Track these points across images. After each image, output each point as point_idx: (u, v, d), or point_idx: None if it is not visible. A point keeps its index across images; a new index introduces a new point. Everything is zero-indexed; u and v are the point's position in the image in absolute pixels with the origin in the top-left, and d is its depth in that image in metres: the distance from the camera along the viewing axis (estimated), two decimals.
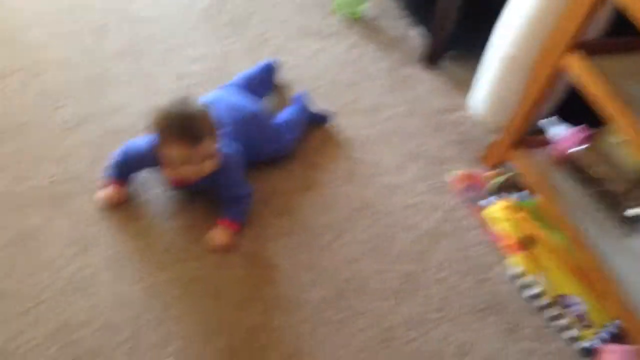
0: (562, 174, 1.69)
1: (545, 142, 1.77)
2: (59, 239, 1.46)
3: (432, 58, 2.10)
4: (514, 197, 1.75)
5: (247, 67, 1.93)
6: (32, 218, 1.48)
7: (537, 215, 1.70)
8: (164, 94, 1.81)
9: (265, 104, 1.84)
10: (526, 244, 1.64)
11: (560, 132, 1.73)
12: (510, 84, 1.85)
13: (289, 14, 2.18)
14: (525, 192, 1.76)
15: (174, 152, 1.41)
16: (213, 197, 1.58)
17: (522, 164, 1.73)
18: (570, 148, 1.69)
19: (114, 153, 1.55)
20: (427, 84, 2.06)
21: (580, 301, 1.57)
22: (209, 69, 1.94)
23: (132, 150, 1.52)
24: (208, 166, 1.45)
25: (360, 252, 1.60)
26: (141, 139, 1.53)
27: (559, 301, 1.56)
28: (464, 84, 2.07)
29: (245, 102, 1.67)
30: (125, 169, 1.55)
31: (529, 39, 1.74)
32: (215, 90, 1.73)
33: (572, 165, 1.69)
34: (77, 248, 1.46)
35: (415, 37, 2.19)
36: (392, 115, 1.94)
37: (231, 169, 1.52)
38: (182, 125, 1.39)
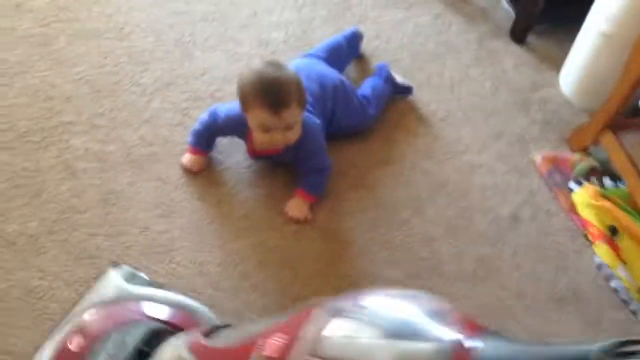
0: None
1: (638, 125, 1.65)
2: (143, 202, 1.47)
3: (521, 32, 1.97)
4: (602, 183, 1.65)
5: (330, 34, 1.87)
6: (118, 179, 1.49)
7: (626, 203, 1.59)
8: (247, 60, 1.78)
9: (347, 74, 1.78)
10: (612, 233, 1.54)
11: None
12: (606, 64, 1.72)
13: None
14: (614, 179, 1.65)
15: (258, 116, 1.37)
16: (292, 168, 1.55)
17: (612, 148, 1.61)
18: None
19: (199, 118, 1.53)
20: (514, 59, 1.94)
21: None
22: (292, 35, 1.88)
23: (215, 117, 1.50)
24: (291, 135, 1.41)
25: (437, 232, 1.54)
26: (225, 106, 1.51)
27: None
28: (553, 61, 1.94)
29: (330, 73, 1.61)
30: (207, 137, 1.53)
31: (629, 17, 1.60)
32: (298, 59, 1.68)
33: None
34: (159, 211, 1.46)
35: (503, 8, 2.06)
36: (477, 91, 1.85)
37: (314, 141, 1.47)
38: (270, 89, 1.34)
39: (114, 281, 1.25)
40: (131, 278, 1.27)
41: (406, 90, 1.77)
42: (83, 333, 1.07)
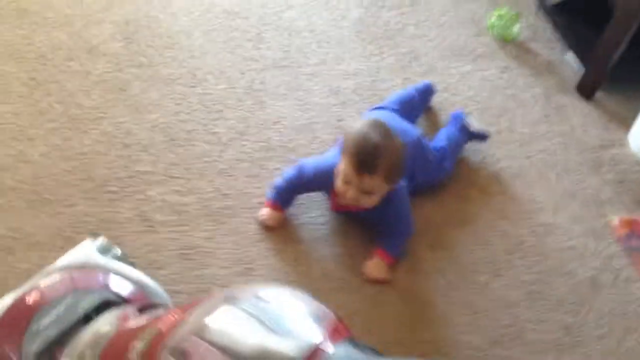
0: None
1: None
2: (221, 259, 1.41)
3: (590, 88, 1.92)
4: None
5: (398, 84, 1.83)
6: (196, 233, 1.44)
7: None
8: (318, 110, 1.74)
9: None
10: None
11: None
12: None
13: (439, 30, 2.04)
14: None
15: (345, 164, 1.32)
16: (370, 227, 1.49)
17: None
18: None
19: (283, 174, 1.48)
20: (582, 116, 1.89)
21: None
22: (361, 85, 1.83)
23: (302, 173, 1.44)
24: (366, 200, 1.36)
25: (517, 297, 1.47)
26: (312, 161, 1.47)
27: None
28: (622, 119, 1.89)
29: (409, 129, 1.55)
30: (290, 193, 1.47)
31: None
32: (375, 111, 1.63)
33: None
34: (238, 269, 1.40)
35: (570, 63, 2.01)
36: (546, 147, 1.79)
37: (400, 204, 1.42)
38: (364, 151, 1.29)
39: (86, 249, 1.23)
40: (105, 250, 1.23)
41: (482, 137, 1.71)
42: (41, 291, 1.07)
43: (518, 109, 1.87)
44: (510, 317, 1.43)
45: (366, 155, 1.29)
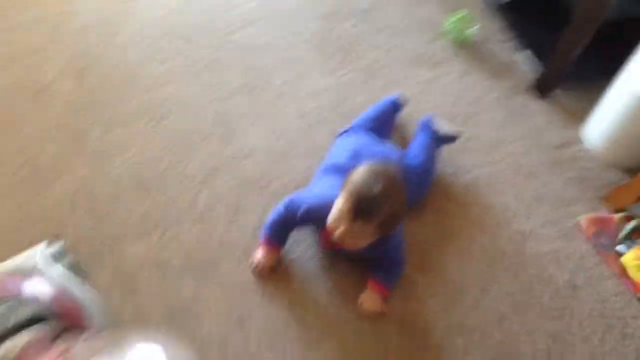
0: None
1: None
2: (213, 313, 1.34)
3: (547, 87, 1.94)
4: None
5: (364, 100, 1.79)
6: (183, 288, 1.36)
7: None
8: (290, 134, 1.68)
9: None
10: None
11: None
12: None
13: (397, 38, 1.99)
14: None
15: (341, 202, 1.27)
16: (365, 261, 1.46)
17: None
18: None
19: (273, 210, 1.41)
20: (541, 116, 1.91)
21: None
22: (329, 103, 1.78)
23: (294, 208, 1.38)
24: (352, 241, 1.31)
25: (506, 310, 1.49)
26: (303, 196, 1.42)
27: None
28: (578, 116, 1.91)
29: (390, 152, 1.52)
30: (284, 229, 1.42)
31: None
32: (353, 136, 1.58)
33: None
34: (230, 321, 1.34)
35: (522, 62, 2.02)
36: (512, 151, 1.80)
37: (394, 236, 1.39)
38: (363, 199, 1.24)
39: (38, 255, 1.20)
40: (58, 257, 1.21)
41: (453, 139, 1.71)
42: None
43: (482, 114, 1.87)
44: (502, 332, 1.45)
45: (365, 204, 1.24)
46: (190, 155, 1.57)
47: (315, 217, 1.37)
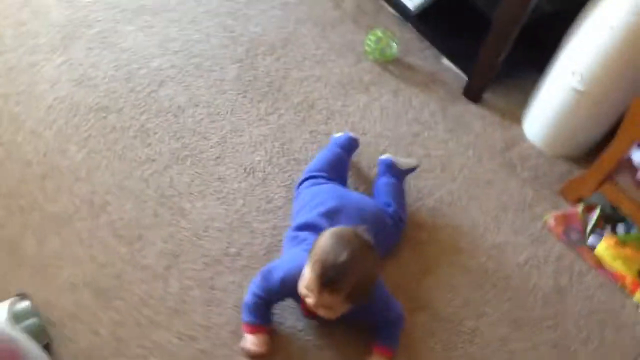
0: None
1: (629, 166, 1.68)
2: None
3: (476, 93, 1.94)
4: (616, 231, 1.68)
5: (307, 140, 1.71)
6: None
7: None
8: (242, 197, 1.55)
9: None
10: None
11: None
12: (579, 117, 1.75)
13: (319, 68, 1.91)
14: (624, 224, 1.70)
15: (309, 273, 1.18)
16: (357, 324, 1.37)
17: (618, 199, 1.65)
18: None
19: (250, 287, 1.30)
20: (479, 121, 1.90)
21: None
22: (272, 153, 1.66)
23: (272, 280, 1.28)
24: (323, 312, 1.23)
25: (505, 330, 1.47)
26: (278, 265, 1.31)
27: None
28: (516, 114, 1.93)
29: (365, 203, 1.44)
30: (267, 305, 1.31)
31: (604, 76, 1.63)
32: (316, 188, 1.48)
33: None
34: None
35: (448, 67, 2.02)
36: (465, 163, 1.78)
37: (379, 296, 1.30)
38: (331, 271, 1.15)
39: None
40: (19, 317, 1.16)
41: (414, 169, 1.67)
42: None
43: (424, 132, 1.84)
44: (507, 355, 1.43)
45: (330, 274, 1.15)
46: (144, 247, 1.40)
47: (291, 287, 1.26)
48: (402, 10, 2.03)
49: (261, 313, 1.30)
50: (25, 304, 1.19)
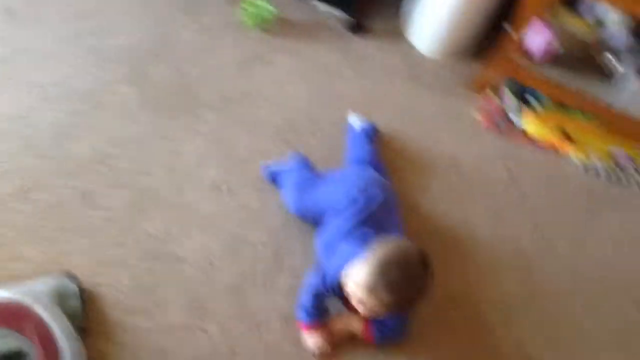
0: (550, 65, 1.86)
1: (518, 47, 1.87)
2: None
3: (363, 27, 2.02)
4: (529, 102, 1.88)
5: (244, 133, 1.65)
6: None
7: (556, 109, 1.88)
8: (221, 220, 1.48)
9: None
10: (566, 136, 1.84)
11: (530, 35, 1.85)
12: (463, 14, 1.90)
13: (212, 54, 1.83)
14: (529, 92, 1.90)
15: (366, 299, 1.20)
16: None
17: (521, 77, 1.86)
18: (544, 43, 1.83)
19: (306, 286, 1.32)
20: (378, 51, 1.99)
21: (625, 153, 1.86)
22: (221, 160, 1.58)
23: (324, 286, 1.30)
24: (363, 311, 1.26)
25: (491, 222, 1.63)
26: (327, 271, 1.31)
27: (615, 162, 1.83)
28: (401, 34, 2.04)
29: (383, 184, 1.48)
30: (322, 303, 1.32)
31: None
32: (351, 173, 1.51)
33: (553, 55, 1.85)
34: None
35: (329, 12, 2.04)
36: (386, 93, 1.87)
37: None
38: (405, 300, 1.20)
39: (48, 287, 1.19)
40: (64, 297, 1.20)
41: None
42: None
43: (336, 81, 1.87)
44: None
45: (395, 309, 1.21)
46: (164, 310, 1.31)
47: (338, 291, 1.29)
48: None
49: (320, 312, 1.32)
50: (73, 286, 1.21)
